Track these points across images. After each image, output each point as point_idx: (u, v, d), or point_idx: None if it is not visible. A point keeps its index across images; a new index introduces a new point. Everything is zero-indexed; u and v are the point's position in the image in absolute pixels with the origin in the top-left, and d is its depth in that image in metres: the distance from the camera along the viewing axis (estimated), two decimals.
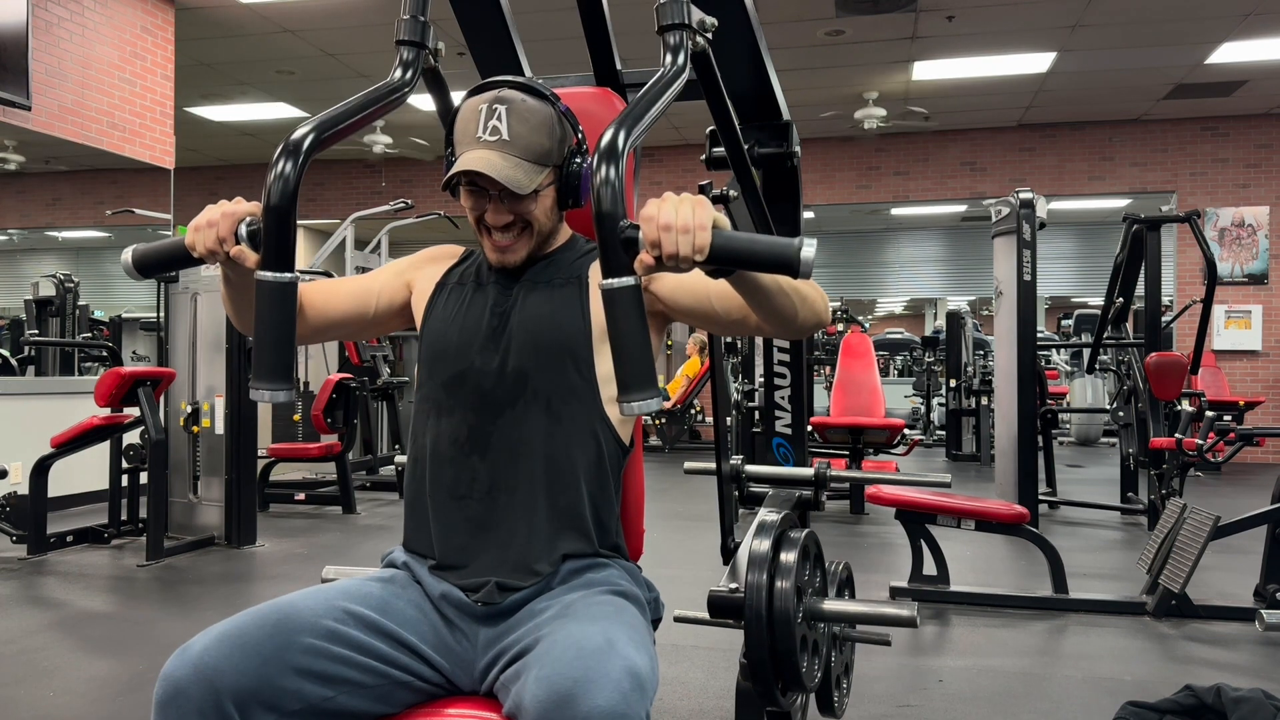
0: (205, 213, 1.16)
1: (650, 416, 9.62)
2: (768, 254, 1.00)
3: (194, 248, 1.16)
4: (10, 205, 6.57)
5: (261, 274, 1.07)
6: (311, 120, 1.13)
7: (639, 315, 1.01)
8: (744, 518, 2.38)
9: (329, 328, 1.45)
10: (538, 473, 1.30)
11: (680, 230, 0.99)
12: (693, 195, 1.03)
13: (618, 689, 1.00)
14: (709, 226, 1.00)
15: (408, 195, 10.14)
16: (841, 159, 10.25)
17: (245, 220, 1.14)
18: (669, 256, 0.99)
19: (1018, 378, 5.12)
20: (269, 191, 1.07)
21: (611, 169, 1.02)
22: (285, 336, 1.08)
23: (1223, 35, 7.22)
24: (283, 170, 1.07)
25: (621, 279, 1.00)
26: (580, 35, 1.71)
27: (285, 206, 1.08)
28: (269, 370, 1.07)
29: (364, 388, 6.53)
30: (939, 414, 10.65)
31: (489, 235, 1.36)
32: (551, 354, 1.32)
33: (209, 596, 3.76)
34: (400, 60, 1.32)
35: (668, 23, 1.26)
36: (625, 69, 1.83)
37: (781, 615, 1.47)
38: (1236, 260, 9.29)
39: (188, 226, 1.18)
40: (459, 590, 1.27)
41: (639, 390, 1.01)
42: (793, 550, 1.53)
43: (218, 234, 1.14)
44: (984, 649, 3.09)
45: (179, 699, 1.07)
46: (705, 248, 0.99)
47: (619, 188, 1.02)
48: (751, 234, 1.03)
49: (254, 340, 1.08)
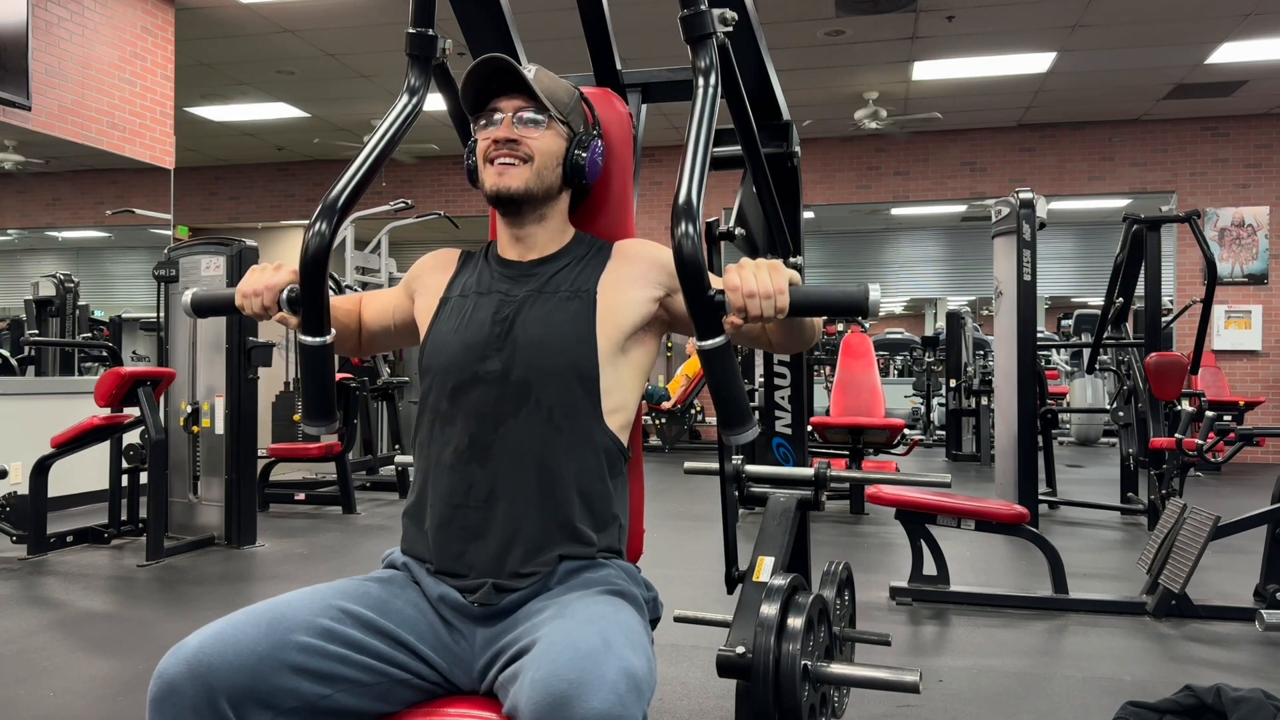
0: (250, 279, 1.31)
1: (650, 416, 9.63)
2: (840, 302, 1.14)
3: (243, 309, 1.32)
4: (10, 205, 6.57)
5: (302, 338, 1.28)
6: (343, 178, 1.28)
7: (733, 366, 1.16)
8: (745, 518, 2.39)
9: (371, 341, 1.58)
10: (536, 482, 1.30)
11: (763, 296, 1.11)
12: (766, 260, 1.14)
13: (613, 691, 0.99)
14: (787, 289, 1.12)
15: (408, 195, 10.13)
16: (841, 159, 10.25)
17: (286, 290, 1.29)
18: (754, 319, 1.12)
19: (1018, 378, 5.12)
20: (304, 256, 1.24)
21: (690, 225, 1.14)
22: (327, 384, 1.32)
23: (1223, 35, 7.22)
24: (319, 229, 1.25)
25: (715, 340, 1.15)
26: (580, 35, 1.71)
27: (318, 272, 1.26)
28: (317, 412, 1.32)
29: (364, 388, 6.54)
30: (939, 414, 10.65)
31: (491, 164, 1.39)
32: (557, 369, 1.33)
33: (209, 596, 3.76)
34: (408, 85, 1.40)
35: (698, 34, 1.28)
36: (625, 69, 1.83)
37: (787, 680, 1.54)
38: (1236, 260, 9.29)
39: (236, 291, 1.33)
40: (456, 592, 1.28)
41: (739, 425, 1.18)
42: (799, 616, 1.59)
43: (263, 303, 1.29)
44: (984, 649, 3.09)
45: (173, 696, 1.07)
46: (786, 308, 1.12)
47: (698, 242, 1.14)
48: (821, 286, 1.15)
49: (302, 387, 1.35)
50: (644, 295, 1.38)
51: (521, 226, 1.43)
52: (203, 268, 4.77)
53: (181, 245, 4.95)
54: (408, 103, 1.37)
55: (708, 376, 1.15)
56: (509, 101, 1.39)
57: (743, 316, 1.12)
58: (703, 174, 1.18)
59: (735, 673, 1.57)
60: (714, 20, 1.28)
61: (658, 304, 1.39)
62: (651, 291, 1.39)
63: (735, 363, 1.16)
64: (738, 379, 1.16)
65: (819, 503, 1.95)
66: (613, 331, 1.36)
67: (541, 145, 1.39)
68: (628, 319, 1.37)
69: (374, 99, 8.88)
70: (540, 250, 1.44)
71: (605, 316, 1.36)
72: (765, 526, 1.86)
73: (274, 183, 11.55)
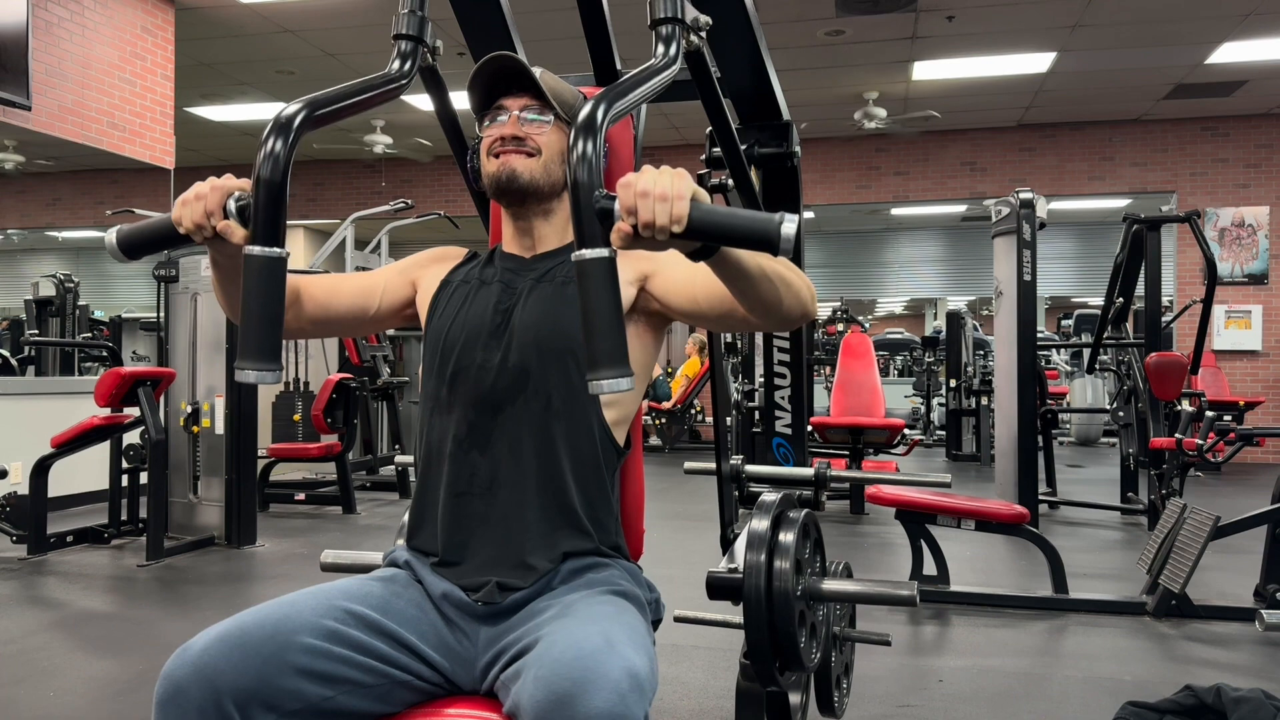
0: (193, 187, 1.11)
1: (650, 416, 9.61)
2: (747, 228, 0.96)
3: (180, 223, 1.11)
4: (10, 205, 6.57)
5: (250, 249, 1.02)
6: (304, 98, 1.10)
7: (612, 289, 0.96)
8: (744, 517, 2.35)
9: (329, 322, 1.45)
10: (536, 468, 1.31)
11: (658, 198, 0.95)
12: (673, 168, 0.99)
13: (616, 690, 0.99)
14: (688, 196, 0.96)
15: (408, 195, 10.13)
16: (841, 159, 10.24)
17: (234, 195, 1.09)
18: (645, 225, 0.96)
19: (1018, 378, 5.11)
20: (259, 165, 1.03)
21: (589, 142, 0.99)
22: (274, 314, 1.02)
23: (1223, 35, 7.22)
24: (273, 147, 1.04)
25: (595, 250, 0.96)
26: (580, 35, 1.71)
27: (277, 180, 1.03)
28: (256, 349, 1.00)
29: (364, 388, 6.53)
30: (939, 414, 10.65)
31: (496, 158, 1.38)
32: (553, 353, 1.33)
33: (209, 596, 3.76)
34: (398, 52, 1.31)
35: (660, 16, 1.27)
36: (625, 69, 1.83)
37: (780, 593, 1.46)
38: (1236, 260, 9.29)
39: (176, 202, 1.12)
40: (460, 590, 1.28)
41: (609, 367, 0.95)
42: (791, 530, 1.52)
43: (205, 207, 1.09)
44: (984, 649, 3.09)
45: (179, 698, 1.07)
46: (684, 218, 0.95)
47: (596, 161, 0.98)
48: (732, 209, 0.98)
49: (241, 318, 1.01)
50: (627, 278, 1.36)
51: (526, 219, 1.43)
52: (203, 268, 4.77)
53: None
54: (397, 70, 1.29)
55: (581, 296, 0.97)
56: (515, 100, 1.39)
57: (632, 223, 0.96)
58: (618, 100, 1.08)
59: (726, 593, 1.51)
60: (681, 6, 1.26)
61: (636, 286, 1.38)
62: (630, 274, 1.37)
63: (616, 287, 0.97)
64: (616, 308, 0.97)
65: (819, 503, 1.95)
66: None
67: (547, 141, 1.39)
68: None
69: None
70: (544, 245, 1.44)
71: None
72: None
73: None
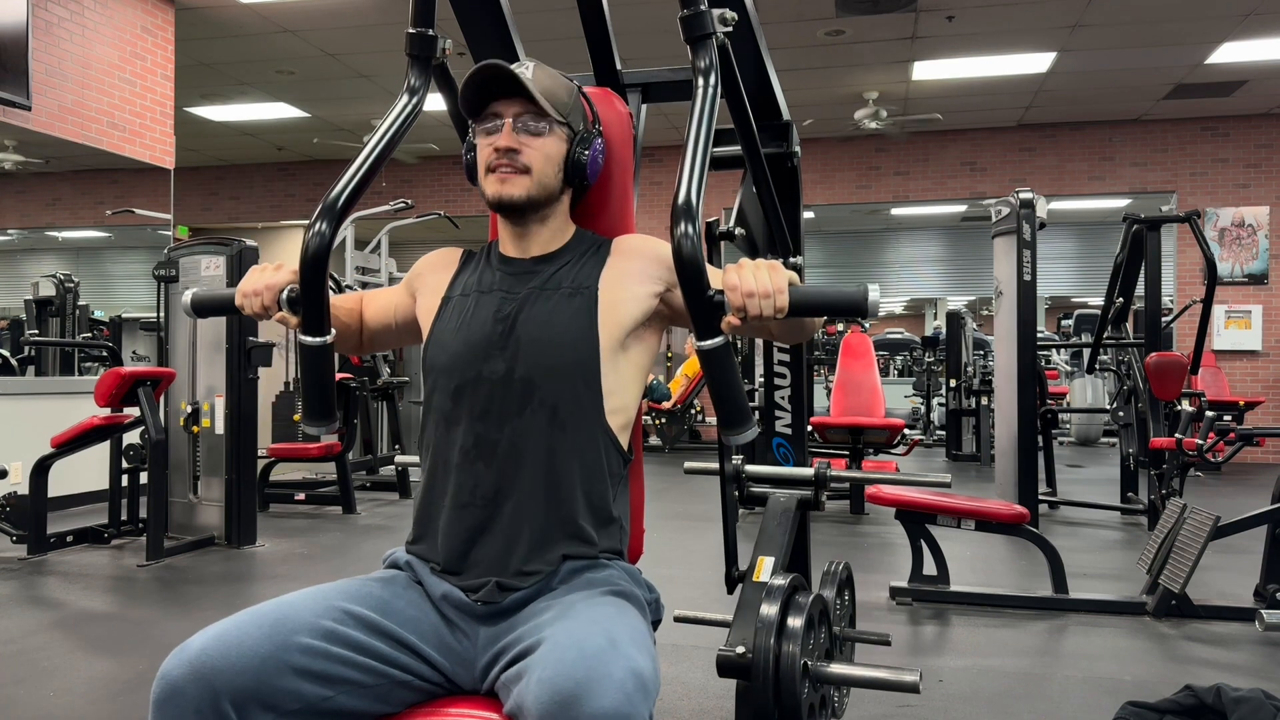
0: (250, 280, 1.31)
1: (650, 416, 9.63)
2: (838, 302, 1.14)
3: (242, 309, 1.32)
4: (10, 205, 6.57)
5: (302, 338, 1.28)
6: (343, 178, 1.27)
7: (733, 366, 1.17)
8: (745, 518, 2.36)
9: (373, 340, 1.57)
10: (540, 481, 1.31)
11: (762, 296, 1.12)
12: (765, 260, 1.15)
13: (621, 690, 1.00)
14: (786, 289, 1.12)
15: (408, 195, 10.13)
16: (841, 159, 10.24)
17: (286, 289, 1.29)
18: (754, 319, 1.13)
19: (1018, 378, 5.12)
20: (304, 256, 1.23)
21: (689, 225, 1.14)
22: (327, 384, 1.31)
23: (1223, 35, 7.22)
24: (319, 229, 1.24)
25: (714, 340, 1.16)
26: (580, 35, 1.71)
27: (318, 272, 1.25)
28: (317, 412, 1.33)
29: (364, 388, 6.53)
30: (939, 414, 10.65)
31: (493, 173, 1.38)
32: (559, 367, 1.33)
33: (209, 596, 3.76)
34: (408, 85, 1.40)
35: (698, 34, 1.28)
36: (625, 69, 1.83)
37: (787, 682, 1.53)
38: (1236, 260, 9.29)
39: (236, 291, 1.32)
40: (459, 591, 1.28)
41: (739, 426, 1.18)
42: (799, 616, 1.58)
43: (263, 303, 1.30)
44: (984, 649, 3.09)
45: (176, 698, 1.07)
46: (785, 309, 1.13)
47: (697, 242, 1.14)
48: (819, 286, 1.16)
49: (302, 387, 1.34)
50: (644, 290, 1.38)
51: (524, 226, 1.43)
52: (203, 268, 4.77)
53: (181, 245, 4.96)
54: (408, 103, 1.38)
55: (707, 376, 1.17)
56: (509, 106, 1.38)
57: (741, 316, 1.13)
58: (703, 174, 1.19)
59: (735, 673, 1.56)
60: (714, 20, 1.28)
61: (658, 299, 1.39)
62: (651, 286, 1.39)
63: (734, 362, 1.17)
64: (737, 379, 1.17)
65: (819, 503, 1.95)
66: (614, 328, 1.36)
67: (543, 152, 1.38)
68: (628, 315, 1.37)
69: (374, 99, 8.88)
70: (542, 247, 1.44)
71: (606, 313, 1.36)
72: (765, 526, 1.86)
73: (274, 183, 11.55)
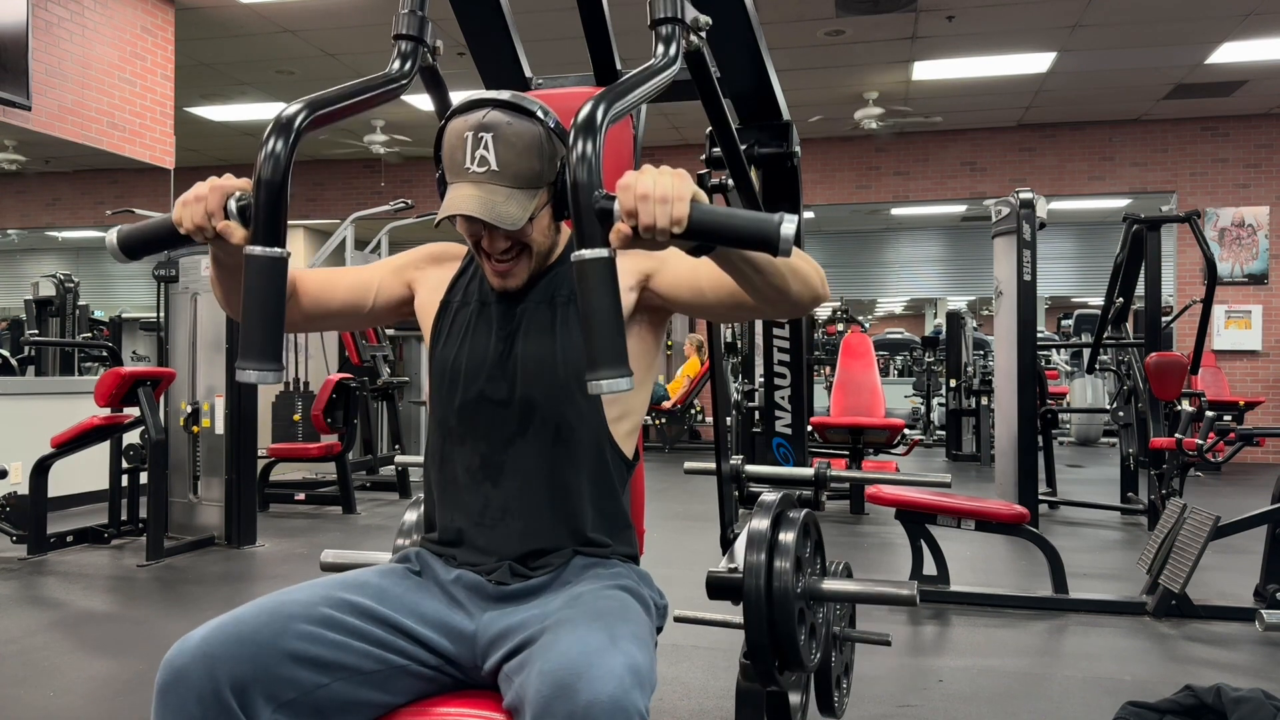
0: (194, 188, 1.11)
1: (650, 416, 9.61)
2: (746, 229, 0.96)
3: (180, 223, 1.11)
4: (10, 205, 6.57)
5: (250, 249, 1.03)
6: (304, 99, 1.11)
7: (612, 289, 0.97)
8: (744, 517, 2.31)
9: (324, 317, 1.44)
10: (549, 498, 1.32)
11: (658, 200, 0.96)
12: (673, 168, 1.00)
13: (618, 682, 1.02)
14: (688, 198, 0.97)
15: (408, 195, 10.13)
16: (841, 159, 10.24)
17: (235, 195, 1.10)
18: (645, 228, 0.97)
19: (1018, 378, 5.11)
20: (260, 165, 1.04)
21: (588, 143, 1.00)
22: (275, 314, 1.03)
23: (1223, 35, 7.22)
24: (274, 147, 1.05)
25: (595, 250, 0.97)
26: (580, 35, 1.71)
27: (278, 180, 1.04)
28: (258, 349, 1.02)
29: (364, 388, 6.53)
30: (939, 414, 10.65)
31: (489, 260, 1.34)
32: (559, 382, 1.32)
33: (209, 596, 3.76)
34: (398, 52, 1.31)
35: (660, 16, 1.27)
36: (625, 69, 1.83)
37: (780, 592, 1.47)
38: (1236, 260, 9.29)
39: (176, 203, 1.13)
40: (473, 572, 1.30)
41: (609, 367, 0.96)
42: (791, 529, 1.53)
43: (205, 208, 1.09)
44: (984, 649, 3.09)
45: (179, 686, 1.08)
46: (684, 219, 0.97)
47: (595, 161, 0.99)
48: (731, 209, 0.99)
49: (242, 318, 1.03)
50: (628, 283, 1.35)
51: None
52: (203, 268, 4.77)
53: None
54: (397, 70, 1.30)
55: (579, 297, 0.97)
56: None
57: (633, 226, 0.97)
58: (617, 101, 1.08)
59: (726, 592, 1.52)
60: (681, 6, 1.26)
61: (642, 288, 1.37)
62: (630, 279, 1.35)
63: (615, 287, 0.97)
64: (616, 308, 0.97)
65: (819, 503, 1.95)
66: None
67: (535, 233, 1.32)
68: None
69: None
70: (539, 263, 1.42)
71: None
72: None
73: None
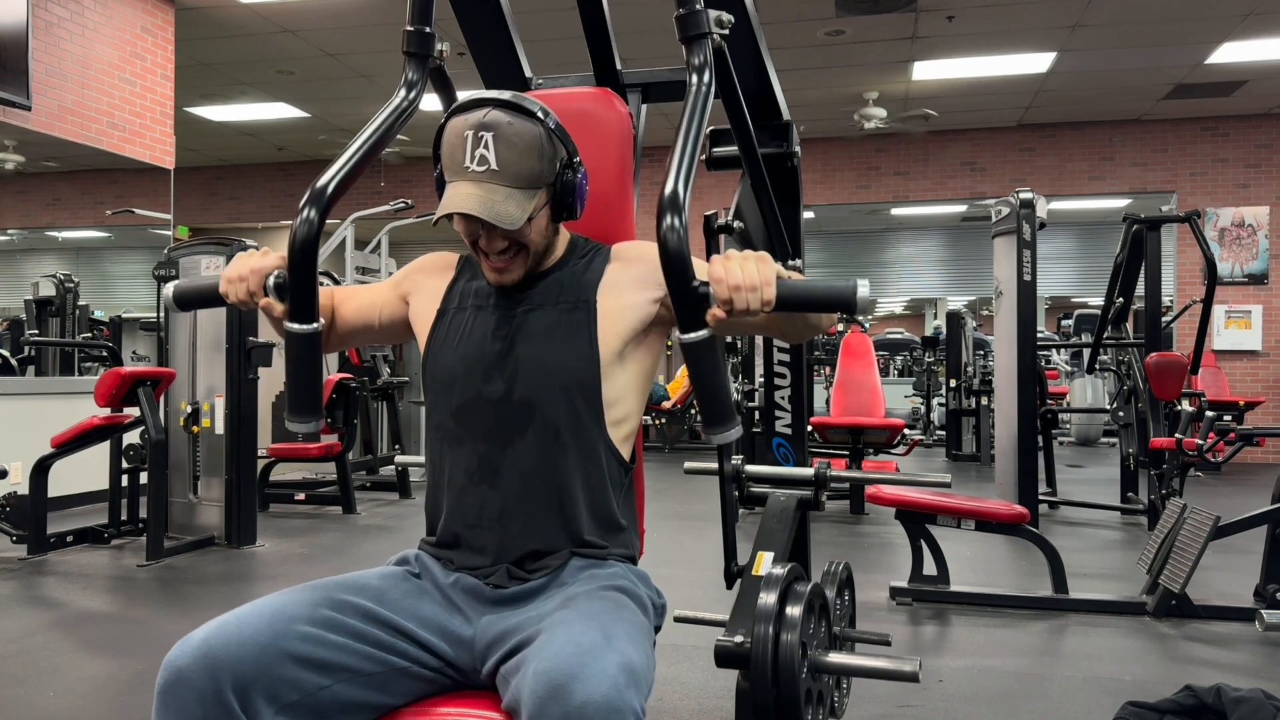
0: (235, 265, 1.27)
1: (650, 416, 9.63)
2: (826, 297, 1.12)
3: (227, 296, 1.28)
4: (10, 205, 6.57)
5: (289, 325, 1.23)
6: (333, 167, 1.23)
7: (716, 360, 1.14)
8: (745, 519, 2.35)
9: (347, 337, 1.52)
10: (545, 500, 1.32)
11: (749, 289, 1.10)
12: (754, 252, 1.12)
13: (612, 682, 1.02)
14: (774, 282, 1.11)
15: (408, 195, 10.12)
16: (841, 159, 10.24)
17: (272, 274, 1.25)
18: (740, 312, 1.11)
19: (1018, 378, 5.11)
20: (293, 243, 1.19)
21: (676, 218, 1.12)
22: (314, 377, 1.27)
23: (1223, 35, 7.22)
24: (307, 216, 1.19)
25: (697, 333, 1.13)
26: (580, 35, 1.71)
27: (307, 259, 1.19)
28: (303, 407, 1.27)
29: (364, 388, 6.53)
30: (939, 414, 10.65)
31: (485, 258, 1.35)
32: (559, 384, 1.33)
33: (209, 596, 3.76)
34: (405, 80, 1.38)
35: (693, 33, 1.28)
36: (625, 69, 1.83)
37: (786, 670, 1.51)
38: (1236, 260, 9.29)
39: (221, 277, 1.29)
40: (470, 575, 1.31)
41: (723, 424, 1.15)
42: (798, 604, 1.57)
43: (248, 288, 1.26)
44: (984, 649, 3.09)
45: (180, 686, 1.09)
46: (772, 302, 1.11)
47: (683, 234, 1.12)
48: (808, 281, 1.15)
49: (287, 381, 1.27)
50: (644, 297, 1.37)
51: None
52: (203, 268, 4.77)
53: (181, 245, 4.95)
54: (404, 98, 1.37)
55: (690, 371, 1.14)
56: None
57: (727, 310, 1.11)
58: (691, 168, 1.18)
59: (733, 662, 1.54)
60: (709, 20, 1.28)
61: (658, 304, 1.38)
62: (652, 293, 1.37)
63: (720, 357, 1.14)
64: (722, 374, 1.14)
65: (819, 503, 1.95)
66: (613, 339, 1.35)
67: (533, 233, 1.33)
68: (628, 324, 1.36)
69: (374, 99, 8.87)
70: (536, 263, 1.42)
71: (606, 324, 1.35)
72: (765, 525, 1.85)
73: (274, 183, 11.55)
